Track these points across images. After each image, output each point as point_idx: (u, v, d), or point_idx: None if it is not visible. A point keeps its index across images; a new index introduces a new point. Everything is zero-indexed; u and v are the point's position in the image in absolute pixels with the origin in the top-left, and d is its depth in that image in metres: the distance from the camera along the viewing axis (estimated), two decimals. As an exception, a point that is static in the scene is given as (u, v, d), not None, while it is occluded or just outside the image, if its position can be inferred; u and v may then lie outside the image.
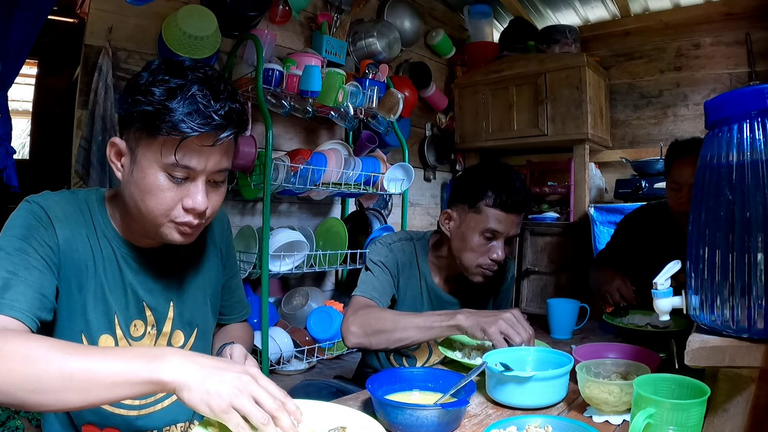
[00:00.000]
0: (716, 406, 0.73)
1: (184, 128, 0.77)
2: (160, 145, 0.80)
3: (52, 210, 0.86)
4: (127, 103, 0.82)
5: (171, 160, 0.80)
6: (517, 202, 1.28)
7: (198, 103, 0.78)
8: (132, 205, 0.86)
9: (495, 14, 3.90)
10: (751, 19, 3.08)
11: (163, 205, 0.83)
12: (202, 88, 0.80)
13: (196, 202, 0.84)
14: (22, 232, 0.82)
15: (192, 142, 0.80)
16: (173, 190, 0.83)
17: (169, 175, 0.82)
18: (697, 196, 0.76)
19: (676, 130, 3.32)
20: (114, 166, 0.88)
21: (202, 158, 0.82)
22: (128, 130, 0.84)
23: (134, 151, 0.83)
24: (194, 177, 0.83)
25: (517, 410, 0.93)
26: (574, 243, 3.16)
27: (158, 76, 0.80)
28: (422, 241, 1.46)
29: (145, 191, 0.82)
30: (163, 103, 0.78)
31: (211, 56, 2.31)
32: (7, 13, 1.74)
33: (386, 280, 1.36)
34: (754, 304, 0.67)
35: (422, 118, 3.71)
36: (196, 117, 0.78)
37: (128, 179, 0.85)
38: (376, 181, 2.79)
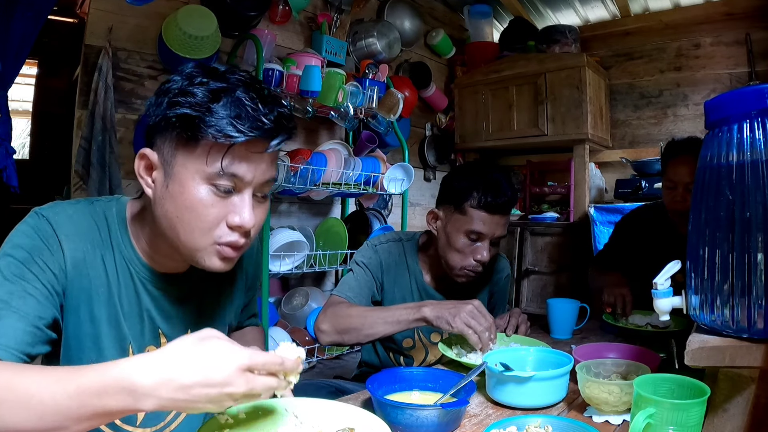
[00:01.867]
0: (716, 406, 0.73)
1: (232, 132, 0.69)
2: (204, 151, 0.71)
3: (62, 227, 0.77)
4: (161, 108, 0.74)
5: (216, 168, 0.71)
6: (501, 203, 1.28)
7: (245, 106, 0.71)
8: (166, 224, 0.76)
9: (495, 14, 3.90)
10: (751, 19, 3.08)
11: (205, 222, 0.74)
12: (247, 92, 0.73)
13: (243, 218, 0.74)
14: (23, 254, 0.73)
15: (240, 148, 0.72)
16: (217, 206, 0.74)
17: (213, 186, 0.73)
18: (697, 196, 0.76)
19: (676, 130, 3.32)
20: (143, 182, 0.77)
21: (251, 166, 0.73)
22: (162, 138, 0.75)
23: (170, 162, 0.74)
24: (241, 188, 0.75)
25: (517, 410, 0.93)
26: (574, 243, 3.16)
27: (195, 79, 0.73)
28: (411, 242, 1.47)
29: (185, 207, 0.73)
30: (207, 105, 0.70)
31: (211, 56, 2.31)
32: (7, 13, 1.74)
33: (366, 280, 1.38)
34: (754, 304, 0.67)
35: (422, 118, 3.71)
36: (245, 121, 0.70)
37: (162, 195, 0.75)
38: (376, 181, 2.79)
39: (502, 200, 1.28)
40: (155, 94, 0.76)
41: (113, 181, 2.13)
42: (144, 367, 0.57)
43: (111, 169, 2.12)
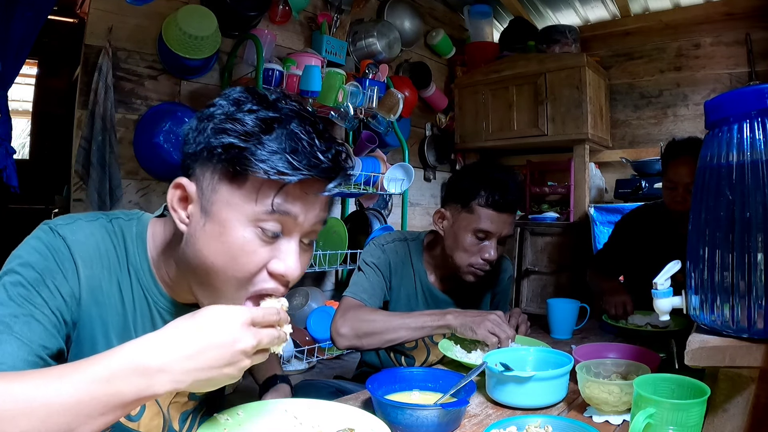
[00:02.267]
0: (716, 406, 0.73)
1: (287, 169, 0.61)
2: (253, 188, 0.63)
3: (80, 248, 0.69)
4: (204, 135, 0.65)
5: (266, 207, 0.63)
6: (509, 202, 1.28)
7: (301, 140, 0.63)
8: (198, 266, 0.67)
9: (495, 14, 3.90)
10: (751, 19, 3.08)
11: (245, 270, 0.65)
12: (302, 124, 0.65)
13: (288, 266, 0.66)
14: (33, 274, 0.65)
15: (294, 188, 0.64)
16: (261, 251, 0.65)
17: (260, 229, 0.64)
18: (697, 196, 0.76)
19: (676, 130, 3.32)
20: (176, 216, 0.68)
21: (304, 208, 0.66)
22: (203, 169, 0.66)
23: (210, 198, 0.65)
24: (289, 232, 0.67)
25: (517, 410, 0.93)
26: (574, 243, 3.16)
27: (244, 105, 0.65)
28: (416, 242, 1.47)
29: (224, 252, 0.64)
30: (258, 135, 0.62)
31: (211, 56, 2.32)
32: (7, 13, 1.74)
33: (377, 281, 1.37)
34: (754, 304, 0.67)
35: (422, 118, 3.71)
36: (302, 157, 0.62)
37: (197, 234, 0.66)
38: (376, 181, 2.79)
39: (510, 198, 1.28)
40: (196, 118, 0.69)
41: (113, 181, 2.13)
42: (150, 344, 0.55)
43: (111, 169, 2.12)
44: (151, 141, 2.25)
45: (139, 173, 2.32)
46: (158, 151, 2.26)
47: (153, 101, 2.34)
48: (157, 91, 2.36)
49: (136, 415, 0.79)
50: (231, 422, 0.74)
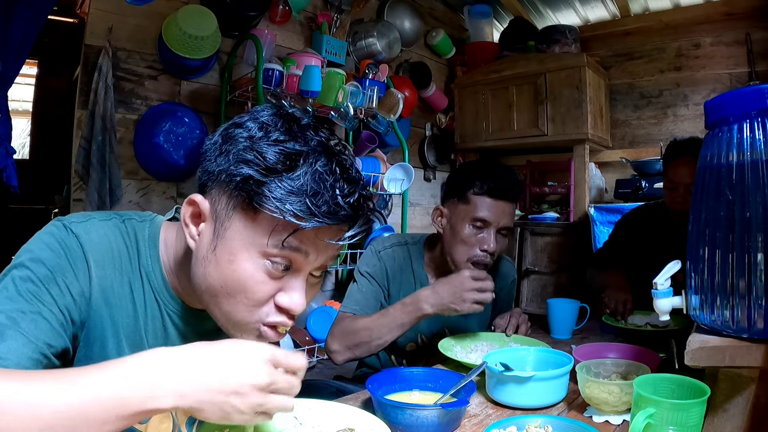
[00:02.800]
0: (716, 406, 0.73)
1: (305, 214, 0.59)
2: (267, 226, 0.62)
3: (93, 248, 0.68)
4: (225, 158, 0.63)
5: (277, 244, 0.62)
6: (503, 188, 1.27)
7: (324, 182, 0.60)
8: (206, 289, 0.66)
9: (495, 14, 3.90)
10: (751, 19, 3.08)
11: (252, 299, 0.64)
12: (329, 163, 0.62)
13: (293, 301, 0.65)
14: (44, 271, 0.63)
15: (310, 232, 0.62)
16: (269, 283, 0.64)
17: (269, 263, 0.63)
18: (697, 196, 0.76)
19: (676, 130, 3.32)
20: (187, 231, 0.67)
21: (316, 250, 0.64)
22: (220, 191, 0.64)
23: (223, 223, 0.64)
24: (298, 269, 0.65)
25: (517, 410, 0.93)
26: (574, 243, 3.16)
27: (271, 133, 0.62)
28: (417, 245, 1.45)
29: (232, 279, 0.63)
30: (280, 173, 0.60)
31: (211, 56, 2.32)
32: (7, 13, 1.74)
33: (371, 290, 1.36)
34: (754, 304, 0.67)
35: (422, 118, 3.71)
36: (321, 203, 0.60)
37: (207, 256, 0.65)
38: (376, 181, 2.79)
39: (505, 185, 1.28)
40: (221, 135, 0.66)
41: (113, 181, 2.13)
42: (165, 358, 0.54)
43: (111, 169, 2.12)
44: (151, 141, 2.25)
45: (139, 173, 2.32)
46: (158, 151, 2.26)
47: (153, 101, 2.34)
48: (157, 91, 2.36)
49: (145, 419, 0.78)
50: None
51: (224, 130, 0.67)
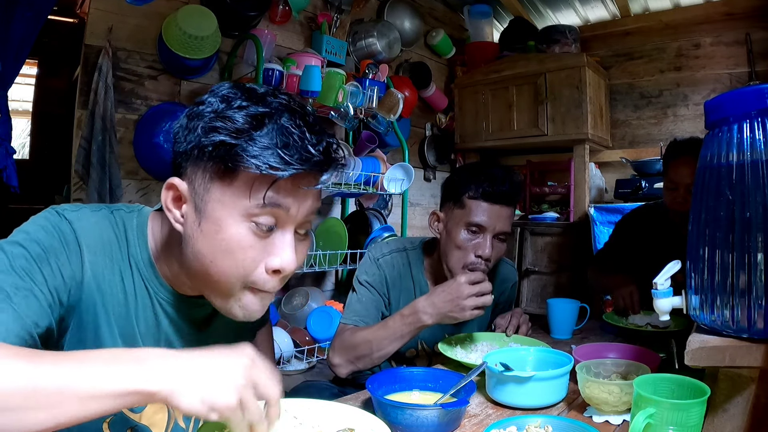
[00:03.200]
0: (716, 406, 0.73)
1: (279, 164, 0.62)
2: (245, 184, 0.64)
3: (85, 234, 0.69)
4: (194, 134, 0.66)
5: (258, 202, 0.64)
6: (500, 192, 1.23)
7: (292, 134, 0.63)
8: (197, 266, 0.68)
9: (495, 14, 3.90)
10: (751, 19, 3.08)
11: (242, 267, 0.66)
12: (292, 118, 0.65)
13: (284, 260, 0.67)
14: (37, 249, 0.64)
15: (286, 182, 0.64)
16: (256, 247, 0.66)
17: (254, 224, 0.65)
18: (697, 196, 0.76)
19: (676, 130, 3.32)
20: (171, 216, 0.69)
21: (296, 201, 0.66)
22: (195, 168, 0.67)
23: (203, 197, 0.66)
24: (283, 225, 0.67)
25: (517, 410, 0.93)
26: (574, 243, 3.16)
27: (233, 102, 0.65)
28: (416, 251, 1.42)
29: (220, 249, 0.65)
30: (249, 132, 0.63)
31: (211, 56, 2.31)
32: (7, 13, 1.74)
33: (371, 300, 1.34)
34: (754, 304, 0.67)
35: (422, 118, 3.71)
36: (293, 151, 0.63)
37: (193, 234, 0.67)
38: (376, 181, 2.79)
39: (501, 189, 1.23)
40: (186, 116, 0.69)
41: (113, 181, 2.13)
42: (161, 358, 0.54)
43: (111, 169, 2.12)
44: (151, 141, 2.25)
45: (139, 173, 2.32)
46: (158, 151, 2.26)
47: (153, 101, 2.34)
48: (157, 91, 2.36)
49: (139, 407, 0.78)
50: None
51: (188, 111, 0.69)
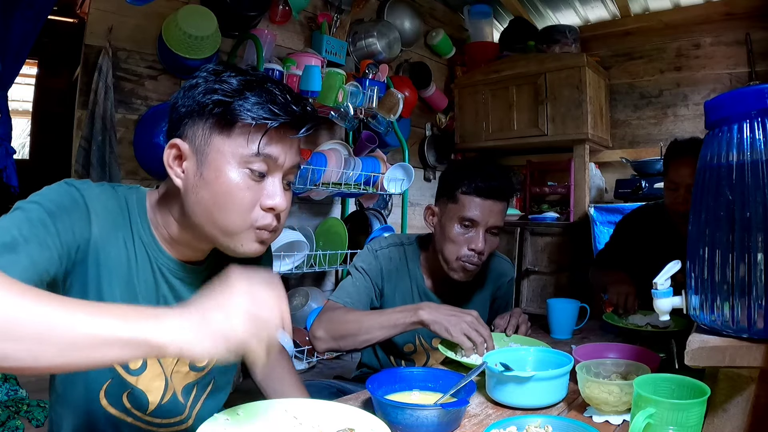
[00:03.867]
0: (716, 406, 0.73)
1: (269, 115, 0.74)
2: (241, 134, 0.75)
3: (93, 201, 0.77)
4: (192, 98, 0.77)
5: (253, 149, 0.75)
6: (492, 187, 1.26)
7: (276, 95, 0.76)
8: (201, 211, 0.77)
9: (495, 14, 3.90)
10: (751, 19, 3.08)
11: (242, 205, 0.77)
12: (276, 85, 0.78)
13: (275, 201, 0.78)
14: (52, 207, 0.72)
15: (275, 132, 0.76)
16: (252, 189, 0.77)
17: (248, 170, 0.76)
18: (697, 196, 0.76)
19: (676, 130, 3.32)
20: (172, 172, 0.79)
21: (283, 149, 0.78)
22: (194, 127, 0.78)
23: (203, 150, 0.77)
24: (272, 172, 0.79)
25: (517, 410, 0.93)
26: (574, 243, 3.16)
27: (223, 74, 0.77)
28: (413, 246, 1.45)
29: (221, 192, 0.76)
30: (242, 91, 0.75)
31: (211, 56, 2.31)
32: (7, 12, 1.74)
33: (364, 286, 1.36)
34: (754, 304, 0.67)
35: (422, 118, 3.71)
36: (279, 107, 0.75)
37: (196, 183, 0.77)
38: (376, 181, 2.79)
39: (493, 184, 1.26)
40: (182, 88, 0.80)
41: (113, 181, 2.13)
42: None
43: (111, 169, 2.12)
44: (151, 141, 2.25)
45: (139, 173, 2.32)
46: (158, 151, 2.24)
47: (153, 101, 2.34)
48: (157, 91, 2.36)
49: (137, 370, 0.83)
50: (231, 422, 0.74)
51: (181, 89, 0.81)
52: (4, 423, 1.88)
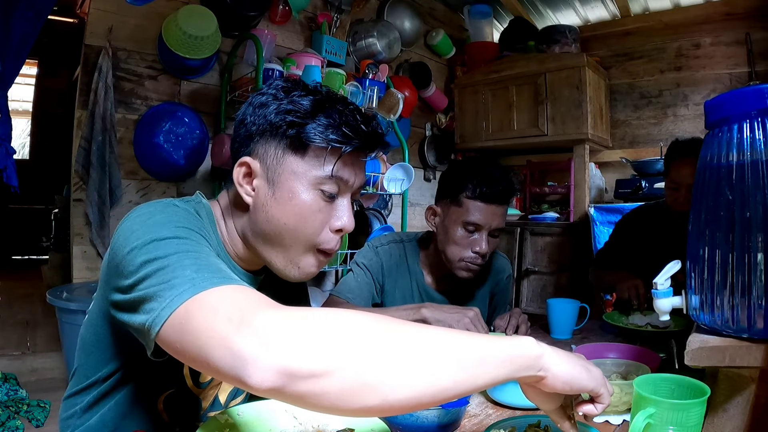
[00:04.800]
0: (716, 406, 0.73)
1: (342, 138, 0.74)
2: (316, 156, 0.75)
3: (195, 225, 0.74)
4: (264, 117, 0.77)
5: (327, 172, 0.76)
6: (496, 192, 1.28)
7: (347, 116, 0.76)
8: (269, 231, 0.77)
9: (495, 14, 3.90)
10: (751, 19, 3.08)
11: (312, 227, 0.77)
12: (345, 105, 0.78)
13: (344, 222, 0.80)
14: (195, 225, 0.70)
15: (347, 154, 0.77)
16: (322, 211, 0.78)
17: (320, 192, 0.77)
18: (697, 196, 0.76)
19: (676, 130, 3.32)
20: (242, 190, 0.79)
21: (355, 171, 0.79)
22: (266, 146, 0.77)
23: (275, 170, 0.76)
24: (343, 193, 0.80)
25: (517, 410, 0.93)
26: (574, 243, 3.16)
27: (293, 93, 0.77)
28: (412, 243, 1.47)
29: (294, 213, 0.76)
30: (316, 114, 0.75)
31: (211, 56, 2.32)
32: (7, 13, 1.74)
33: (366, 282, 1.38)
34: (754, 304, 0.67)
35: (422, 118, 3.71)
36: (351, 130, 0.75)
37: (267, 202, 0.77)
38: (376, 181, 2.79)
39: (497, 189, 1.28)
40: (250, 104, 0.80)
41: (113, 181, 2.13)
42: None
43: (111, 169, 2.12)
44: (151, 141, 2.25)
45: (139, 173, 2.32)
46: (158, 151, 2.26)
47: (153, 101, 2.34)
48: (157, 91, 2.36)
49: (204, 383, 0.85)
50: (231, 422, 0.74)
51: (247, 106, 0.81)
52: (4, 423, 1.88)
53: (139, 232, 0.65)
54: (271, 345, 0.47)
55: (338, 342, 0.48)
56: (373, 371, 0.47)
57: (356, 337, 0.49)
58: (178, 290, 0.55)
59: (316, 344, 0.47)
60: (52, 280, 2.92)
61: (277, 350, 0.47)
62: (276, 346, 0.47)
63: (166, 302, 0.55)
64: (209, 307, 0.53)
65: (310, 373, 0.46)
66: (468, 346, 0.53)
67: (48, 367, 2.50)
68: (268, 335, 0.48)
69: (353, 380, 0.47)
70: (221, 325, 0.50)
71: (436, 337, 0.52)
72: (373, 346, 0.49)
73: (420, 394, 0.49)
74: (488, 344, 0.55)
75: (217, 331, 0.50)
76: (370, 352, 0.48)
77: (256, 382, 0.46)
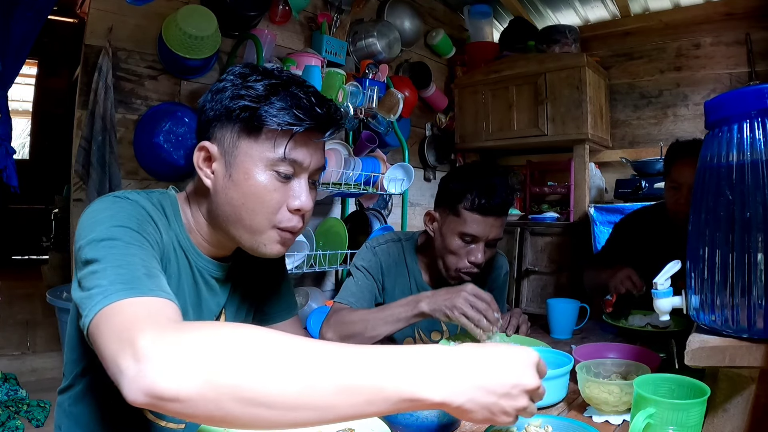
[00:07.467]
0: (716, 406, 0.73)
1: (294, 120, 0.76)
2: (268, 139, 0.78)
3: (151, 212, 0.79)
4: (221, 103, 0.79)
5: (280, 154, 0.78)
6: (495, 206, 1.28)
7: (301, 99, 0.78)
8: (230, 211, 0.81)
9: (495, 14, 3.90)
10: (751, 19, 3.08)
11: (269, 206, 0.80)
12: (301, 87, 0.80)
13: (302, 202, 0.81)
14: (135, 222, 0.72)
15: (301, 136, 0.79)
16: (279, 191, 0.80)
17: (275, 172, 0.79)
18: (697, 196, 0.76)
19: (676, 130, 3.32)
20: (202, 173, 0.82)
21: (308, 153, 0.81)
22: (223, 130, 0.80)
23: (231, 153, 0.79)
24: (298, 174, 0.82)
25: (517, 410, 0.93)
26: (574, 243, 3.16)
27: (250, 77, 0.79)
28: (410, 242, 1.48)
29: (250, 193, 0.79)
30: (268, 97, 0.77)
31: (211, 56, 2.31)
32: (7, 13, 1.74)
33: (367, 285, 1.39)
34: (754, 304, 0.67)
35: (422, 118, 3.71)
36: (304, 111, 0.77)
37: (225, 184, 0.80)
38: (376, 181, 2.78)
39: (496, 203, 1.28)
40: (210, 92, 0.83)
41: (113, 181, 2.13)
42: (434, 355, 0.56)
43: (111, 169, 2.12)
44: (151, 141, 2.25)
45: (139, 173, 2.32)
46: (158, 151, 2.26)
47: (153, 101, 2.34)
48: (157, 91, 2.36)
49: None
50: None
51: (209, 92, 0.83)
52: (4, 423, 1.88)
53: (86, 230, 0.70)
54: (142, 367, 0.49)
55: (205, 368, 0.48)
56: (235, 400, 0.48)
57: (226, 362, 0.49)
58: (93, 301, 0.60)
59: (182, 369, 0.48)
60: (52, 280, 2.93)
61: (146, 373, 0.49)
62: (146, 369, 0.49)
63: (86, 312, 0.60)
64: (107, 322, 0.57)
65: (174, 397, 0.48)
66: (346, 371, 0.51)
67: (48, 367, 2.51)
68: (143, 356, 0.49)
69: (215, 410, 0.48)
70: (112, 343, 0.54)
71: (311, 365, 0.51)
72: (241, 373, 0.48)
73: (281, 424, 0.49)
74: (358, 371, 0.52)
75: (110, 348, 0.54)
76: (236, 380, 0.48)
77: (131, 400, 0.49)
